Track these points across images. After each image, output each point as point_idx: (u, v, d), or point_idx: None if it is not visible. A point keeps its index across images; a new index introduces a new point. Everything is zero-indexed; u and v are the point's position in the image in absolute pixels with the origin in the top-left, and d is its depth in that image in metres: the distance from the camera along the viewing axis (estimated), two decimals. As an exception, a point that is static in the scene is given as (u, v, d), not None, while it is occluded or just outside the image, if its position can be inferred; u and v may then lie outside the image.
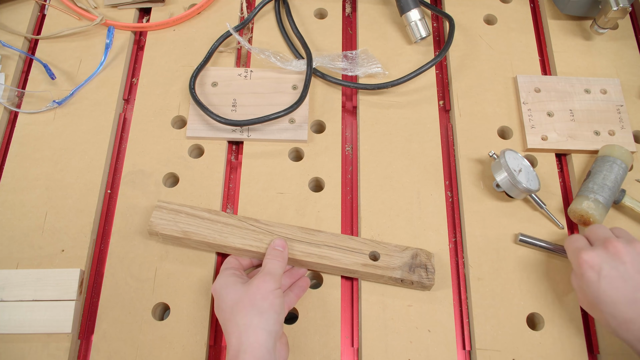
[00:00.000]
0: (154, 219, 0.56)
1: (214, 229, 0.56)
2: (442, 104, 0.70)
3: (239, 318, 0.48)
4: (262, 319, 0.47)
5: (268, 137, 0.65)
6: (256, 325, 0.47)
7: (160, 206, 0.57)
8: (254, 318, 0.47)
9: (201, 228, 0.56)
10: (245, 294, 0.49)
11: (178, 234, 0.56)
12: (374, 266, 0.55)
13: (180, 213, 0.57)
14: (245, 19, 0.72)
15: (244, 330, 0.47)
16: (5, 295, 0.54)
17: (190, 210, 0.57)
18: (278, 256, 0.53)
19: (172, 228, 0.56)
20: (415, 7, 0.70)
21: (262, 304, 0.48)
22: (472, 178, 0.64)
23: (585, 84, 0.69)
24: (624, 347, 0.55)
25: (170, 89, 0.68)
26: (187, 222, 0.56)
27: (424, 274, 0.56)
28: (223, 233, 0.56)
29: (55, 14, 0.73)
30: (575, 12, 0.72)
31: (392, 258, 0.56)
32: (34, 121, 0.65)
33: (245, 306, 0.48)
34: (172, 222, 0.56)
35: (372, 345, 0.55)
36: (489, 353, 0.55)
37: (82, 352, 0.56)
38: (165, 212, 0.57)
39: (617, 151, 0.61)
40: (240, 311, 0.48)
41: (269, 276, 0.50)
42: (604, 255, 0.49)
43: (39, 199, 0.61)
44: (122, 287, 0.57)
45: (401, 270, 0.55)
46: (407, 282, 0.56)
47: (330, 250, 0.56)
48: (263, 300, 0.48)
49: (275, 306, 0.48)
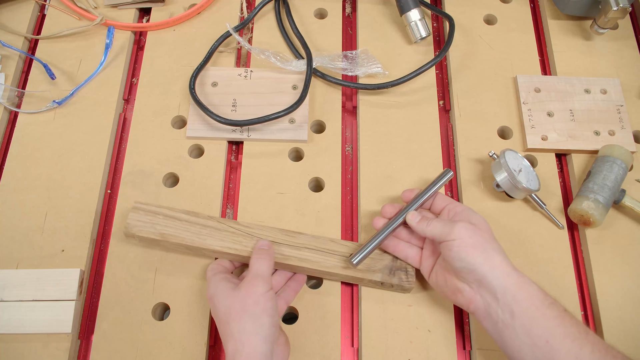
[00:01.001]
0: (130, 221, 0.55)
1: (192, 231, 0.55)
2: (442, 104, 0.70)
3: (232, 325, 0.47)
4: (255, 324, 0.47)
5: (268, 137, 0.65)
6: (250, 332, 0.46)
7: (137, 207, 0.55)
8: (247, 324, 0.47)
9: (179, 230, 0.55)
10: (236, 299, 0.48)
11: (155, 236, 0.54)
12: (355, 269, 0.55)
13: (158, 215, 0.55)
14: (245, 19, 0.72)
15: (239, 337, 0.46)
16: (5, 295, 0.54)
17: (168, 212, 0.56)
18: (264, 255, 0.52)
19: (149, 230, 0.54)
20: (415, 7, 0.70)
21: (254, 309, 0.47)
22: (472, 178, 0.64)
23: (585, 84, 0.69)
24: (625, 347, 0.55)
25: (170, 89, 0.68)
26: (165, 224, 0.55)
27: (404, 277, 0.55)
28: (201, 235, 0.55)
29: (55, 14, 0.73)
30: (575, 12, 0.72)
31: (372, 261, 0.56)
32: (34, 121, 0.65)
33: (237, 313, 0.47)
34: (149, 224, 0.55)
35: (372, 345, 0.55)
36: (489, 353, 0.55)
37: (82, 352, 0.56)
38: (142, 214, 0.55)
39: (617, 151, 0.61)
40: (233, 318, 0.47)
41: (258, 279, 0.49)
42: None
43: (39, 199, 0.61)
44: (122, 287, 0.57)
45: (381, 273, 0.55)
46: (387, 285, 0.55)
47: (310, 253, 0.55)
48: (255, 305, 0.47)
49: (268, 309, 0.48)
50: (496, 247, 0.49)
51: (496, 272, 0.47)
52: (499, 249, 0.49)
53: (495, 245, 0.49)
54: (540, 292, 0.47)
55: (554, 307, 0.46)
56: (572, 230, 0.62)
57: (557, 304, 0.46)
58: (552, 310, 0.45)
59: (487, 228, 0.51)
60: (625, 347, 0.55)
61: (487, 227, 0.51)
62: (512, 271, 0.47)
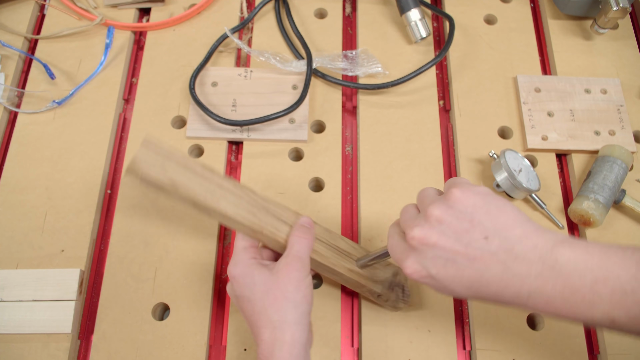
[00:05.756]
0: (139, 157, 0.45)
1: (206, 187, 0.47)
2: (442, 104, 0.70)
3: (271, 312, 0.44)
4: (296, 313, 0.44)
5: (268, 137, 0.65)
6: (291, 321, 0.44)
7: (148, 143, 0.46)
8: (289, 313, 0.44)
9: (192, 182, 0.46)
10: (275, 283, 0.44)
11: (164, 182, 0.46)
12: (359, 274, 0.51)
13: (171, 159, 0.46)
14: (245, 19, 0.72)
15: (279, 325, 0.43)
16: (5, 295, 0.54)
17: (182, 159, 0.47)
18: (306, 235, 0.47)
19: (158, 173, 0.46)
20: (415, 7, 0.70)
21: (295, 296, 0.44)
22: (472, 178, 0.64)
23: (586, 84, 0.69)
24: (625, 347, 0.55)
25: (170, 89, 0.68)
26: (177, 171, 0.46)
27: (401, 294, 0.54)
28: (215, 194, 0.47)
29: (55, 14, 0.73)
30: (575, 12, 0.72)
31: (376, 270, 0.53)
32: (34, 121, 0.65)
33: (277, 299, 0.44)
34: (159, 167, 0.46)
35: (372, 345, 0.55)
36: (489, 353, 0.55)
37: (82, 352, 0.56)
38: (153, 153, 0.46)
39: (618, 151, 0.61)
40: (272, 304, 0.44)
41: (299, 262, 0.45)
42: (417, 251, 0.40)
43: (39, 199, 0.61)
44: (122, 287, 0.57)
45: (382, 285, 0.53)
46: (383, 299, 0.53)
47: (320, 245, 0.51)
48: (296, 292, 0.44)
49: (308, 296, 0.45)
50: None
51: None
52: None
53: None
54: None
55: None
56: (572, 230, 0.62)
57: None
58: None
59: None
60: (626, 346, 0.55)
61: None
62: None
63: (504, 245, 0.38)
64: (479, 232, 0.38)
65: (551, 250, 0.37)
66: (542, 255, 0.37)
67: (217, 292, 0.58)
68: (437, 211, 0.40)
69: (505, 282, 0.38)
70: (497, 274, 0.38)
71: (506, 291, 0.38)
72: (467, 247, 0.38)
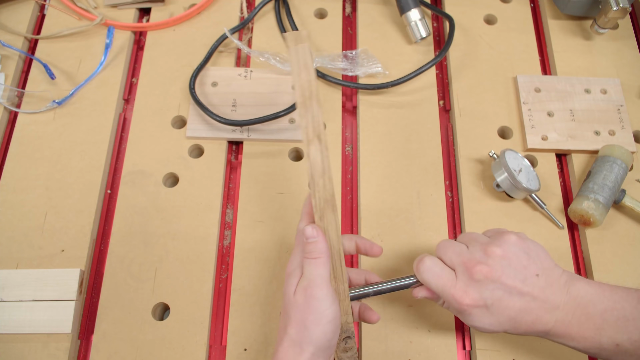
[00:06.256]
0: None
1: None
2: (442, 104, 0.70)
3: (290, 330, 0.42)
4: (311, 345, 0.41)
5: (268, 137, 0.65)
6: (304, 350, 0.41)
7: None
8: (304, 344, 0.41)
9: None
10: (295, 307, 0.42)
11: None
12: (345, 302, 0.45)
13: None
14: (245, 19, 0.72)
15: (292, 345, 0.42)
16: (5, 295, 0.54)
17: None
18: (314, 253, 0.43)
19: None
20: (415, 7, 0.70)
21: (314, 329, 0.41)
22: (472, 178, 0.64)
23: (586, 84, 0.69)
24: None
25: (170, 89, 0.68)
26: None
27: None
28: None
29: (55, 14, 0.73)
30: (575, 12, 0.72)
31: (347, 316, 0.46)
32: (34, 121, 0.65)
33: (297, 322, 0.42)
34: None
35: (372, 345, 0.55)
36: (489, 353, 0.55)
37: (82, 352, 0.56)
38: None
39: (618, 151, 0.61)
40: (292, 325, 0.42)
41: (315, 288, 0.42)
42: (479, 283, 0.44)
43: (39, 199, 0.61)
44: (122, 287, 0.57)
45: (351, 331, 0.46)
46: (349, 346, 0.47)
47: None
48: (316, 325, 0.41)
49: (328, 333, 0.42)
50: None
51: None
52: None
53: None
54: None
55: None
56: (572, 230, 0.62)
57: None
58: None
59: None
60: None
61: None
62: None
63: (548, 281, 0.45)
64: (533, 270, 0.45)
65: (572, 284, 0.45)
66: (568, 289, 0.45)
67: (217, 293, 0.58)
68: (500, 250, 0.45)
69: (543, 311, 0.44)
70: (539, 306, 0.44)
71: (539, 320, 0.45)
72: (523, 283, 0.44)
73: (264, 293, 0.57)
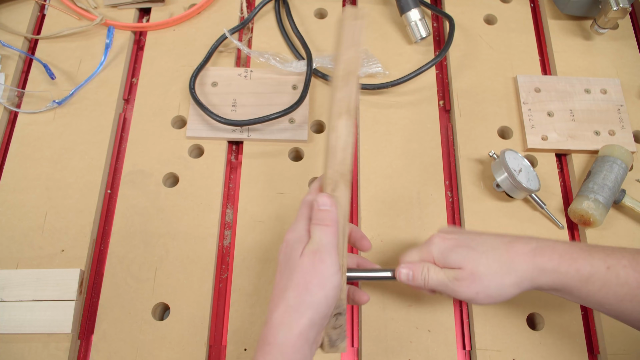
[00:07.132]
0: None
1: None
2: (442, 104, 0.70)
3: (289, 296, 0.41)
4: (312, 310, 0.40)
5: (268, 137, 0.65)
6: (302, 317, 0.40)
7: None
8: (304, 307, 0.40)
9: None
10: (299, 271, 0.41)
11: None
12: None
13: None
14: (245, 19, 0.72)
15: (289, 312, 0.40)
16: (5, 295, 0.54)
17: None
18: (326, 220, 0.42)
19: None
20: (415, 7, 0.70)
21: (317, 293, 0.40)
22: (472, 178, 0.64)
23: (586, 84, 0.69)
24: (625, 347, 0.55)
25: (170, 89, 0.68)
26: None
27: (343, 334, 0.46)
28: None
29: (55, 14, 0.73)
30: (575, 12, 0.72)
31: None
32: (34, 121, 0.65)
33: (298, 286, 0.41)
34: None
35: (372, 345, 0.55)
36: (489, 353, 0.55)
37: (82, 352, 0.56)
38: None
39: (617, 151, 0.61)
40: (293, 289, 0.41)
41: (325, 253, 0.41)
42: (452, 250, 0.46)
43: (39, 199, 0.61)
44: (122, 287, 0.57)
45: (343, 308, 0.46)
46: (339, 323, 0.46)
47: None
48: (319, 289, 0.40)
49: (330, 298, 0.41)
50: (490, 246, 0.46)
51: (524, 282, 0.44)
52: (491, 242, 0.46)
53: (488, 246, 0.46)
54: (554, 253, 0.45)
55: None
56: (572, 230, 0.62)
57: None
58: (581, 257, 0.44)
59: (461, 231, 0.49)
60: (626, 346, 0.55)
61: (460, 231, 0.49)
62: (525, 260, 0.45)
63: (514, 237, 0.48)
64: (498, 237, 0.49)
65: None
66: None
67: (217, 293, 0.58)
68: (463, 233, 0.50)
69: (517, 240, 0.47)
70: (513, 239, 0.48)
71: (519, 249, 0.46)
72: (491, 234, 0.48)
73: (264, 293, 0.57)
